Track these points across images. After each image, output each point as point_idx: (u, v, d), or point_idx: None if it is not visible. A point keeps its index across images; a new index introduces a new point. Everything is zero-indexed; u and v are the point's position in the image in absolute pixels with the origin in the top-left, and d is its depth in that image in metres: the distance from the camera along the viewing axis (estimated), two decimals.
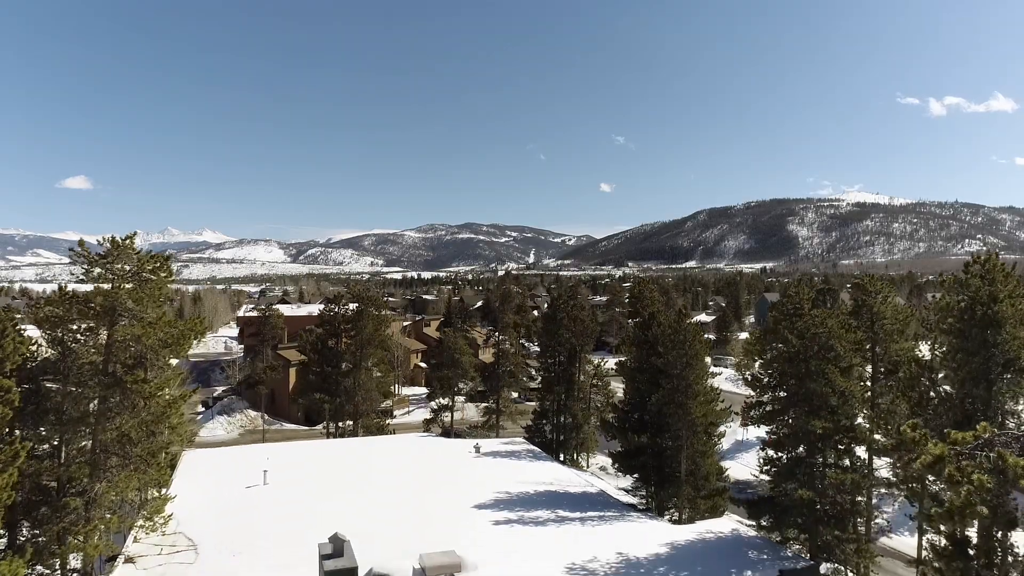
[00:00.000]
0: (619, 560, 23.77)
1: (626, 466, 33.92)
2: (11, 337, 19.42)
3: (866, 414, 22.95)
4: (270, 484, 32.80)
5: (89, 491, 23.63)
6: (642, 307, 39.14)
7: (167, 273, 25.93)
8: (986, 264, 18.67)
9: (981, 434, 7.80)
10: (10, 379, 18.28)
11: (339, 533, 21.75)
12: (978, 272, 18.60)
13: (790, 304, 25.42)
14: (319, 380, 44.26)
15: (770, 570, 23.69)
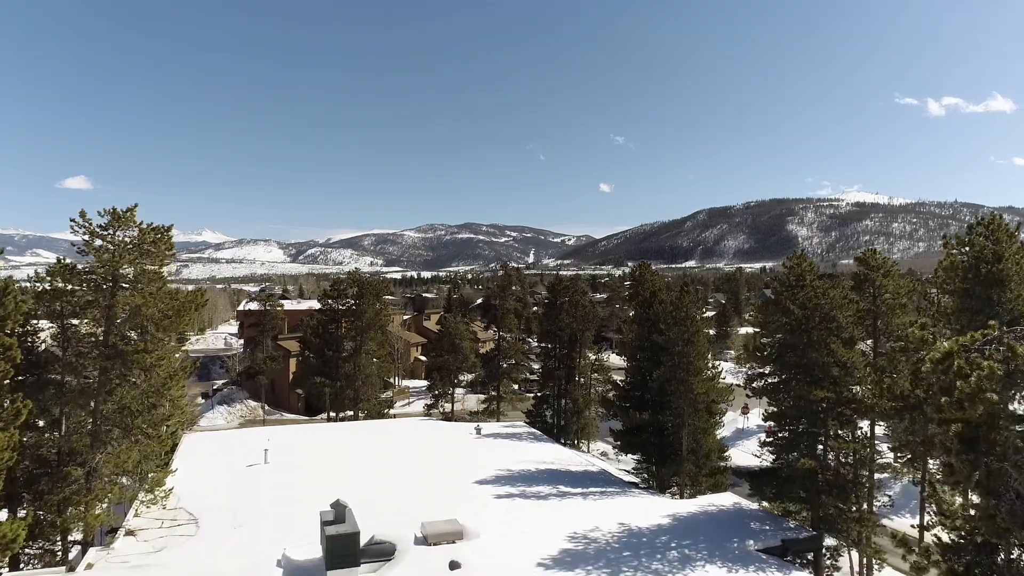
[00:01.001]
0: (621, 530, 23.73)
1: (627, 444, 33.85)
2: (12, 296, 19.35)
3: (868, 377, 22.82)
4: (271, 463, 32.76)
5: (90, 461, 23.55)
6: (642, 289, 39.06)
7: (167, 246, 25.83)
8: (990, 225, 18.63)
9: (990, 332, 7.75)
10: (11, 337, 18.18)
11: (340, 500, 21.73)
12: (982, 232, 18.55)
13: (792, 276, 25.37)
14: (320, 364, 44.18)
15: (772, 539, 23.67)
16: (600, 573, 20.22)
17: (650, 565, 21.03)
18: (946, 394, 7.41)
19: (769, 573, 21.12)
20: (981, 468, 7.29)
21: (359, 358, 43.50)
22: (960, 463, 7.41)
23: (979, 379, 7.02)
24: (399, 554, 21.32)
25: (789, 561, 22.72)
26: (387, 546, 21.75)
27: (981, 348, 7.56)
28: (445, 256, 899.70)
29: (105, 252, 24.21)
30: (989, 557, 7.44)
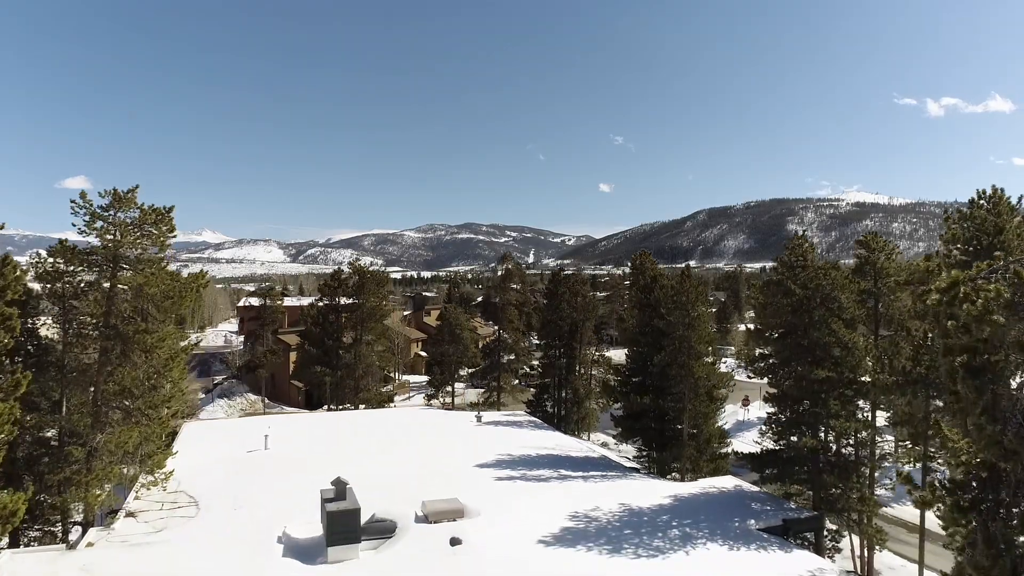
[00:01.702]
0: (622, 510, 23.72)
1: (628, 429, 33.83)
2: (11, 266, 19.33)
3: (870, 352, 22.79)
4: (271, 449, 32.73)
5: (90, 442, 23.53)
6: (643, 276, 39.03)
7: (169, 227, 25.79)
8: (992, 199, 18.61)
9: (996, 262, 7.72)
10: (11, 307, 18.16)
11: (341, 477, 21.72)
12: (984, 205, 18.52)
13: (793, 256, 25.36)
14: (320, 354, 44.16)
15: (774, 519, 23.64)
16: (601, 550, 20.21)
17: (651, 543, 21.02)
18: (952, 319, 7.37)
19: (771, 551, 21.09)
20: (987, 395, 7.26)
21: (359, 348, 43.49)
22: (966, 389, 7.37)
23: (986, 300, 6.99)
24: (400, 531, 21.31)
25: (790, 540, 22.71)
26: (388, 524, 21.74)
27: (987, 276, 7.53)
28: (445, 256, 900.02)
29: (106, 232, 24.20)
30: (994, 491, 7.43)
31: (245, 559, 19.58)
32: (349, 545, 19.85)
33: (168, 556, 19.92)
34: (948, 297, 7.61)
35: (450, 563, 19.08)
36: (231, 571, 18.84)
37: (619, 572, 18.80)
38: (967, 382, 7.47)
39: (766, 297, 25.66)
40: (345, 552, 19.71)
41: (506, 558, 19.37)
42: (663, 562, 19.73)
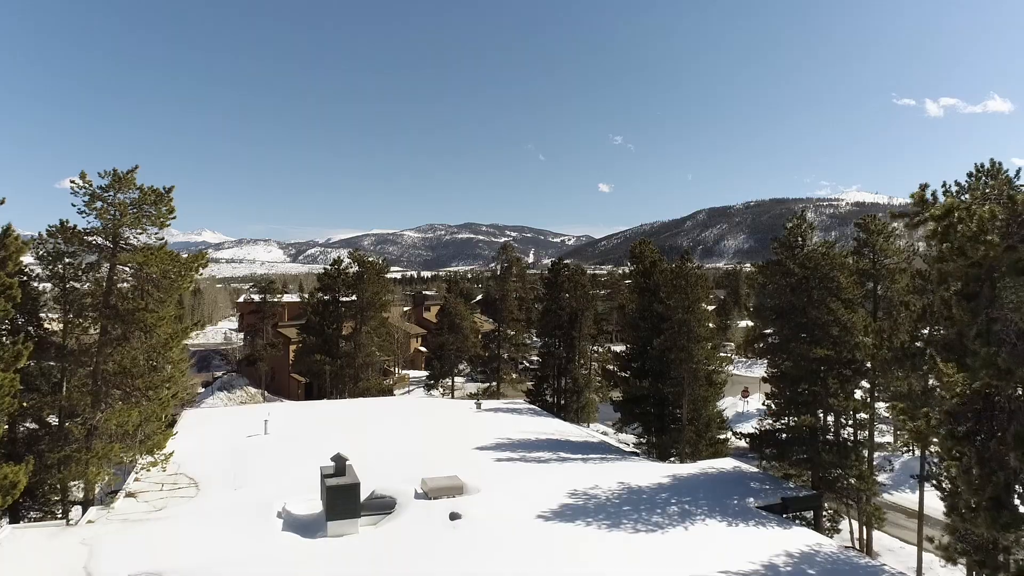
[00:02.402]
0: (621, 488, 23.76)
1: (628, 414, 33.87)
2: (13, 237, 19.38)
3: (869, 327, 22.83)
4: (271, 434, 32.77)
5: (90, 420, 23.58)
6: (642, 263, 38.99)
7: (168, 208, 25.83)
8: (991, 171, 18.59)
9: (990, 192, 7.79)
10: (12, 278, 18.21)
11: (340, 453, 21.76)
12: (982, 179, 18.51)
13: (792, 237, 25.41)
14: (320, 342, 44.21)
15: (772, 498, 23.70)
16: (600, 524, 20.26)
17: (650, 519, 21.07)
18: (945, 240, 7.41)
19: (769, 527, 21.13)
20: (982, 318, 7.31)
21: (359, 337, 43.53)
22: (961, 312, 7.41)
23: (981, 221, 7.04)
24: (399, 508, 21.35)
25: (789, 518, 22.76)
26: (387, 500, 21.79)
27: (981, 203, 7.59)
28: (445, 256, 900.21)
29: (105, 213, 24.24)
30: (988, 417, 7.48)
31: (245, 533, 19.63)
32: (349, 520, 19.89)
33: (168, 531, 19.98)
34: (943, 225, 7.67)
35: (450, 536, 19.14)
36: (231, 544, 18.88)
37: (618, 546, 18.86)
38: (962, 305, 7.52)
39: (765, 277, 25.72)
40: (345, 527, 19.74)
41: (505, 531, 19.43)
42: (662, 536, 19.78)
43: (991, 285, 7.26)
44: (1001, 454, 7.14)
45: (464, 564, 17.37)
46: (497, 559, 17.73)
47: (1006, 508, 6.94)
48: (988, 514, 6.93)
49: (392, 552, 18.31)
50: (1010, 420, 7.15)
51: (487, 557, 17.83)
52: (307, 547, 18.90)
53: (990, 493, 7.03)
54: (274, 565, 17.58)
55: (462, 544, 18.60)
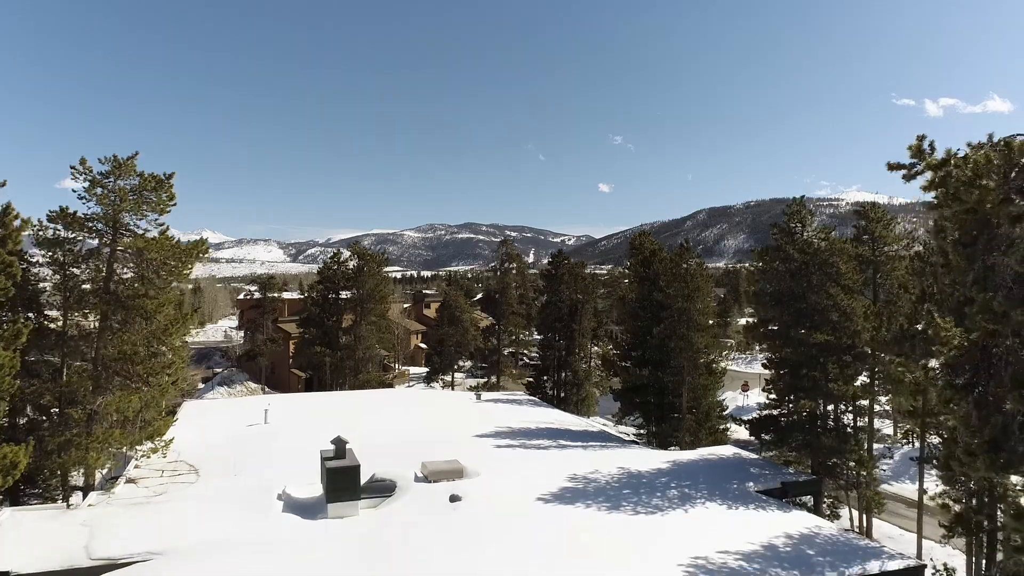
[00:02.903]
0: (621, 473, 23.79)
1: (627, 403, 33.87)
2: (13, 215, 19.39)
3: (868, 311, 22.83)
4: (271, 423, 32.78)
5: (90, 405, 23.60)
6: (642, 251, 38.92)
7: (169, 195, 25.85)
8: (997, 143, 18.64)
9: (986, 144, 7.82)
10: (12, 256, 18.22)
11: (340, 436, 21.80)
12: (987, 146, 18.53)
13: (792, 222, 25.41)
14: (320, 334, 44.21)
15: (772, 482, 23.71)
16: (600, 507, 20.28)
17: (650, 501, 21.09)
18: (942, 187, 7.44)
19: (769, 511, 21.15)
20: (978, 263, 7.33)
21: (359, 329, 43.55)
22: (958, 258, 7.44)
23: (976, 165, 7.07)
24: (399, 491, 21.38)
25: (788, 502, 22.78)
26: (387, 483, 21.82)
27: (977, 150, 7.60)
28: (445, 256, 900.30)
29: (105, 199, 24.25)
30: (985, 367, 7.49)
31: (245, 515, 19.66)
32: (349, 502, 19.92)
33: (169, 513, 20.01)
34: (940, 175, 7.69)
35: (450, 517, 19.17)
36: (231, 526, 18.91)
37: (618, 527, 18.88)
38: (959, 252, 7.54)
39: (765, 263, 25.73)
40: (345, 509, 19.78)
41: (506, 513, 19.47)
42: (662, 518, 19.81)
43: (988, 232, 7.30)
44: (999, 398, 7.15)
45: (465, 544, 17.40)
46: (497, 539, 17.76)
47: (1003, 450, 6.97)
48: (986, 456, 6.95)
49: (393, 532, 18.34)
50: (1007, 365, 7.17)
51: (487, 537, 17.86)
52: (307, 527, 18.94)
53: (988, 435, 7.05)
54: (274, 544, 17.62)
55: (462, 524, 18.63)
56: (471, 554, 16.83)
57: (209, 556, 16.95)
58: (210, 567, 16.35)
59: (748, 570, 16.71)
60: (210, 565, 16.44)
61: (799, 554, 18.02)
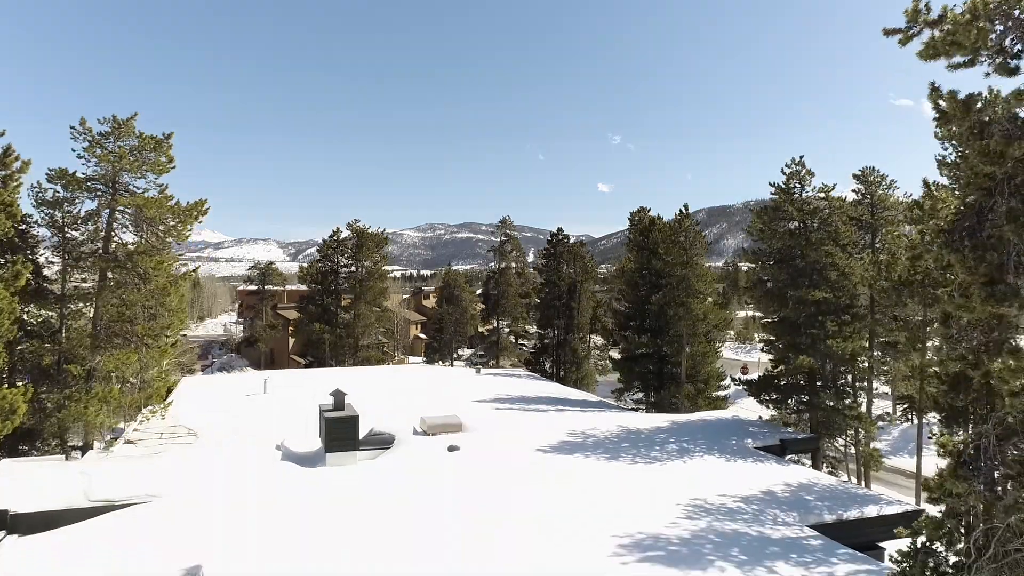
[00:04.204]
0: (620, 430, 23.82)
1: (626, 372, 33.86)
2: (12, 157, 19.40)
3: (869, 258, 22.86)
4: (270, 392, 32.79)
5: (90, 362, 23.62)
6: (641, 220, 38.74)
7: (168, 157, 25.87)
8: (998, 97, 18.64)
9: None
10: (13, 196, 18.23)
11: (339, 389, 21.82)
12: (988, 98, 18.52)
13: (791, 181, 25.40)
14: (319, 312, 44.21)
15: (771, 440, 23.74)
16: (598, 458, 20.32)
17: (648, 454, 21.13)
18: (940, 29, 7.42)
19: (767, 464, 21.18)
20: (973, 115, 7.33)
21: (359, 307, 43.54)
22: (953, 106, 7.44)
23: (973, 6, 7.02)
24: (398, 443, 21.40)
25: (788, 460, 22.81)
26: (386, 436, 21.85)
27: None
28: (445, 255, 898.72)
29: (105, 157, 24.25)
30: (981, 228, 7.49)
31: (244, 464, 19.68)
32: (348, 452, 19.93)
33: (168, 465, 20.02)
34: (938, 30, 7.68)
35: (449, 463, 19.20)
36: (230, 473, 18.92)
37: (616, 474, 18.90)
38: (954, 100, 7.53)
39: (764, 223, 25.71)
40: (344, 459, 19.78)
41: (504, 460, 19.49)
42: (660, 467, 19.84)
43: None
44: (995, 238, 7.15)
45: (463, 485, 17.42)
46: (496, 480, 17.79)
47: (998, 284, 6.97)
48: (982, 289, 6.96)
49: (392, 476, 18.36)
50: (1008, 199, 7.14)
51: (486, 479, 17.89)
52: (307, 473, 18.96)
53: (983, 272, 7.05)
54: (274, 487, 17.63)
55: (461, 469, 18.66)
56: (471, 490, 16.87)
57: (210, 498, 16.96)
58: (211, 507, 16.35)
59: (746, 509, 16.74)
60: (211, 505, 16.45)
61: (797, 499, 18.04)
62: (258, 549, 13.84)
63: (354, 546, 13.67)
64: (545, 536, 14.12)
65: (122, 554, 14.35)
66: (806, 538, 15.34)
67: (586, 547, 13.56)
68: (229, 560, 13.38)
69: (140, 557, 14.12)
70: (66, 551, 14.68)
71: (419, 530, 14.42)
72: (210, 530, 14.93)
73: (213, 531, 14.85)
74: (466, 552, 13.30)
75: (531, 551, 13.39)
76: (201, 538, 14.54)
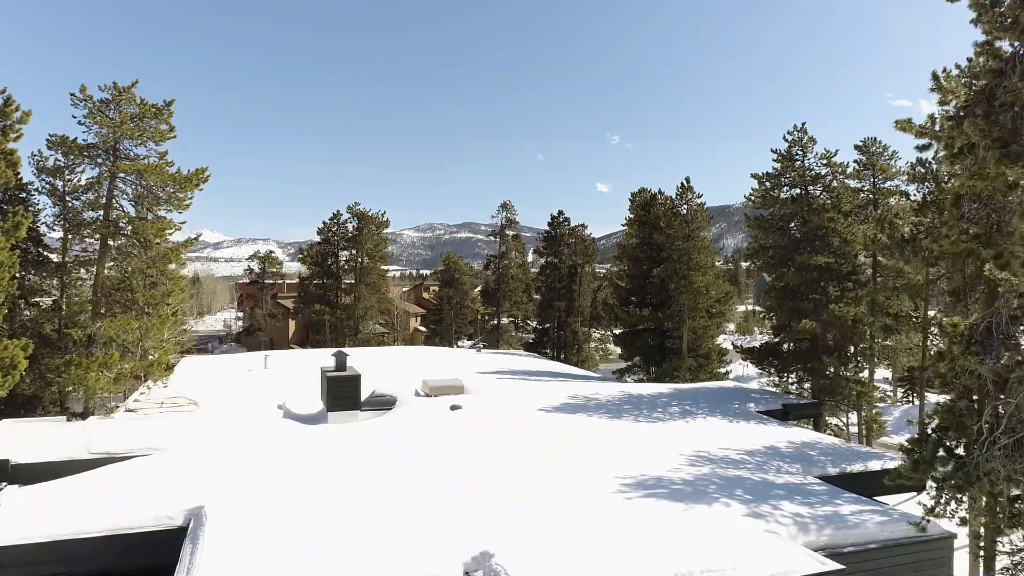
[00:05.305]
0: (622, 394, 23.79)
1: (628, 347, 33.79)
2: (13, 107, 19.32)
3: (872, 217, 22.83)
4: (271, 368, 32.71)
5: (90, 327, 23.55)
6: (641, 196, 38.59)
7: (169, 126, 25.80)
8: None
9: None
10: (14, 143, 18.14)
11: (342, 351, 21.76)
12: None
13: (793, 147, 25.34)
14: (320, 293, 44.12)
15: (773, 404, 23.70)
16: (601, 417, 20.28)
17: (651, 415, 21.09)
18: None
19: (769, 426, 21.13)
20: None
21: (359, 289, 43.45)
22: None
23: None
24: (400, 403, 21.34)
25: (789, 423, 22.77)
26: (388, 398, 21.83)
27: None
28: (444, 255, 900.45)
29: (106, 122, 24.17)
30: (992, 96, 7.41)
31: (246, 423, 19.63)
32: (350, 411, 19.88)
33: (169, 424, 19.99)
34: None
35: (451, 421, 19.14)
36: (233, 428, 18.88)
37: (618, 432, 18.85)
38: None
39: (765, 189, 25.66)
40: (346, 418, 19.73)
41: (506, 418, 19.44)
42: (663, 426, 19.80)
43: None
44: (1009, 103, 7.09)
45: (466, 436, 17.38)
46: (498, 435, 17.74)
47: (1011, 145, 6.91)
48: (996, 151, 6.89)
49: (394, 431, 18.31)
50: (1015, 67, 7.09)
51: (488, 434, 17.84)
52: (309, 429, 18.91)
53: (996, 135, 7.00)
54: (275, 440, 17.58)
55: (463, 426, 18.61)
56: (473, 444, 16.82)
57: (210, 450, 16.90)
58: (212, 458, 16.29)
59: (749, 461, 16.70)
60: (212, 456, 16.39)
61: (800, 453, 18.00)
62: (258, 491, 13.79)
63: (354, 486, 13.63)
64: (552, 480, 14.10)
65: (124, 499, 14.30)
66: (810, 484, 15.29)
67: (591, 487, 13.53)
68: (231, 501, 13.32)
69: (142, 501, 14.07)
70: (67, 498, 14.61)
71: (419, 475, 14.37)
72: (211, 477, 14.87)
73: (214, 478, 14.79)
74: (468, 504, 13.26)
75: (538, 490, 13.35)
76: (202, 484, 14.49)
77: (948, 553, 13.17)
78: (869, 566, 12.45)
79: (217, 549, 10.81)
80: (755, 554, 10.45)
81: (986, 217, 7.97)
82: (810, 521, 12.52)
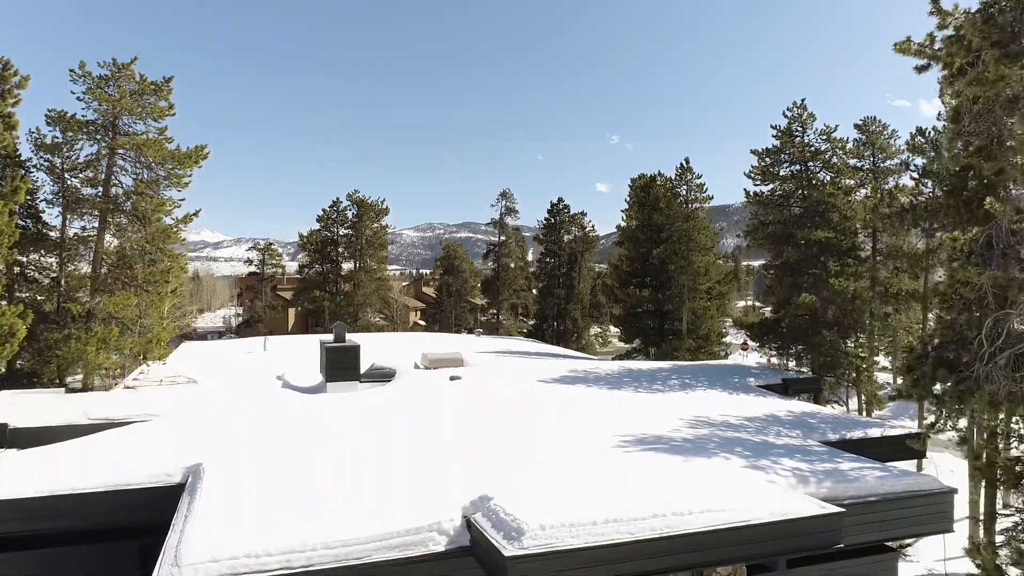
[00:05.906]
0: (622, 369, 23.81)
1: (628, 329, 33.78)
2: (12, 71, 19.29)
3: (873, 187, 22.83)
4: (270, 351, 32.68)
5: (89, 303, 23.54)
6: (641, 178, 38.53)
7: (168, 103, 25.81)
8: None
9: None
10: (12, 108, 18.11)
11: (341, 323, 21.76)
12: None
13: (793, 125, 25.33)
14: (319, 280, 44.09)
15: (773, 379, 23.69)
16: (600, 388, 20.27)
17: (651, 386, 21.07)
18: None
19: (768, 398, 21.10)
20: None
21: (358, 276, 43.42)
22: None
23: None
24: (399, 375, 21.33)
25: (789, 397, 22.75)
26: (387, 370, 21.82)
27: None
28: None
29: (104, 101, 24.16)
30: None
31: (246, 393, 19.64)
32: (349, 382, 19.86)
33: (169, 392, 20.00)
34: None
35: (450, 390, 19.12)
36: (232, 399, 18.87)
37: (618, 401, 18.84)
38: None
39: (765, 165, 25.62)
40: (345, 388, 19.71)
41: (506, 388, 19.43)
42: (663, 396, 19.78)
43: None
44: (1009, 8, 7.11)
45: (465, 408, 17.35)
46: (498, 403, 17.72)
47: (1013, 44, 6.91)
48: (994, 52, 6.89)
49: (394, 402, 18.30)
50: None
51: (488, 402, 17.83)
52: (308, 398, 18.91)
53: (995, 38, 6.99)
54: (273, 406, 17.58)
55: (463, 396, 18.59)
56: (472, 413, 16.80)
57: (209, 415, 16.88)
58: (210, 423, 16.27)
59: (749, 426, 16.67)
60: (210, 421, 16.37)
61: (800, 421, 17.96)
62: (257, 450, 13.77)
63: (352, 443, 13.63)
64: (552, 442, 14.10)
65: (123, 458, 14.28)
66: (810, 446, 15.26)
67: (592, 444, 13.52)
68: (229, 459, 13.30)
69: (141, 461, 14.04)
70: (66, 458, 14.60)
71: (419, 441, 14.37)
72: (209, 440, 14.85)
73: (211, 440, 14.77)
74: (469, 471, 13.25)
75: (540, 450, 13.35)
76: (201, 445, 14.46)
77: (948, 508, 13.16)
78: (868, 519, 12.43)
79: (216, 497, 10.79)
80: (754, 498, 10.43)
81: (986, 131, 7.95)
82: (809, 475, 12.49)
